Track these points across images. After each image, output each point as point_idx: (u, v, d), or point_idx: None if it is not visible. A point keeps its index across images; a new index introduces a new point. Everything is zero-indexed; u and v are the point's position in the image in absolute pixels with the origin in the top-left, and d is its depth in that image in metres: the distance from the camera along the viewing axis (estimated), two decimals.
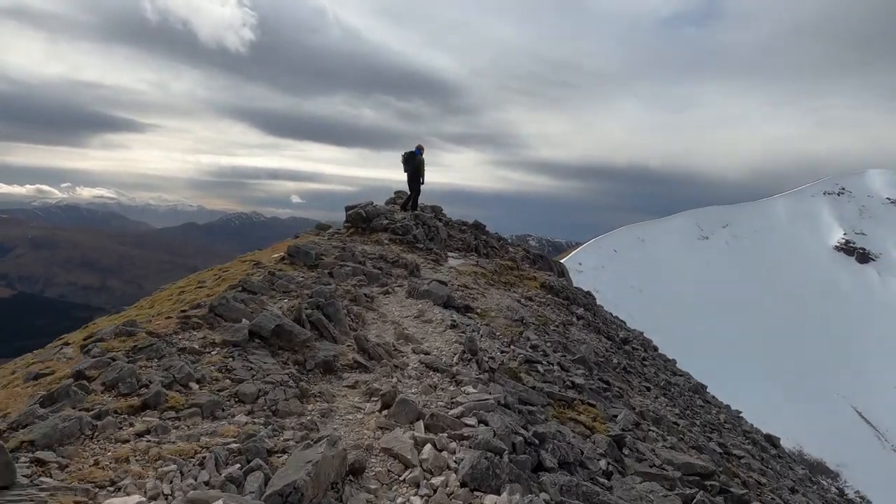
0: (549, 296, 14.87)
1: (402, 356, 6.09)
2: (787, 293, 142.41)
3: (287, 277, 7.69)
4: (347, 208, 15.42)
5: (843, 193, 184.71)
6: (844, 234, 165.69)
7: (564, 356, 7.60)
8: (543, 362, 6.52)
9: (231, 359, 5.26)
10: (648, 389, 10.86)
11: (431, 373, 5.63)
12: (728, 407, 18.89)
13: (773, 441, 17.72)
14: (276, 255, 9.35)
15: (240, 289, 6.56)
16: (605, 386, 7.35)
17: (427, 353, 6.12)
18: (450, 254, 15.06)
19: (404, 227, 14.30)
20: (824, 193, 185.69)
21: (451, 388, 5.36)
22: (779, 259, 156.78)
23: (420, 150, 16.20)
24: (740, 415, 19.25)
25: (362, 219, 14.62)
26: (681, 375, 17.77)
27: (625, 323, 23.59)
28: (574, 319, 13.29)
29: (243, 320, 5.90)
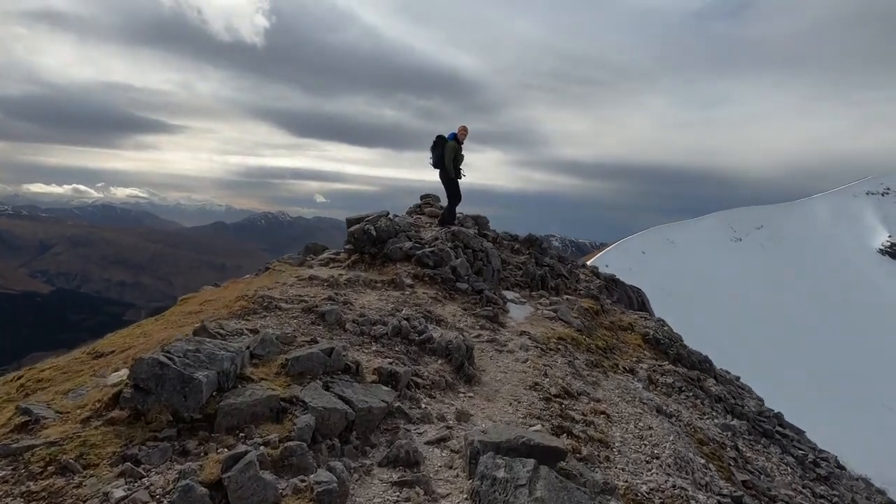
0: (666, 364, 9.39)
1: None
2: (826, 298, 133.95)
3: None
4: (349, 222, 10.04)
5: (888, 193, 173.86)
6: (890, 235, 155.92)
7: None
8: None
9: None
10: None
11: None
12: None
13: None
14: (118, 376, 3.64)
15: None
16: None
17: None
18: (507, 295, 9.62)
19: (437, 254, 8.90)
20: (868, 193, 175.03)
21: None
22: (818, 262, 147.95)
23: (456, 134, 10.64)
24: None
25: (371, 240, 9.25)
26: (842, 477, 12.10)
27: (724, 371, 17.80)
28: (728, 419, 7.78)
29: None
